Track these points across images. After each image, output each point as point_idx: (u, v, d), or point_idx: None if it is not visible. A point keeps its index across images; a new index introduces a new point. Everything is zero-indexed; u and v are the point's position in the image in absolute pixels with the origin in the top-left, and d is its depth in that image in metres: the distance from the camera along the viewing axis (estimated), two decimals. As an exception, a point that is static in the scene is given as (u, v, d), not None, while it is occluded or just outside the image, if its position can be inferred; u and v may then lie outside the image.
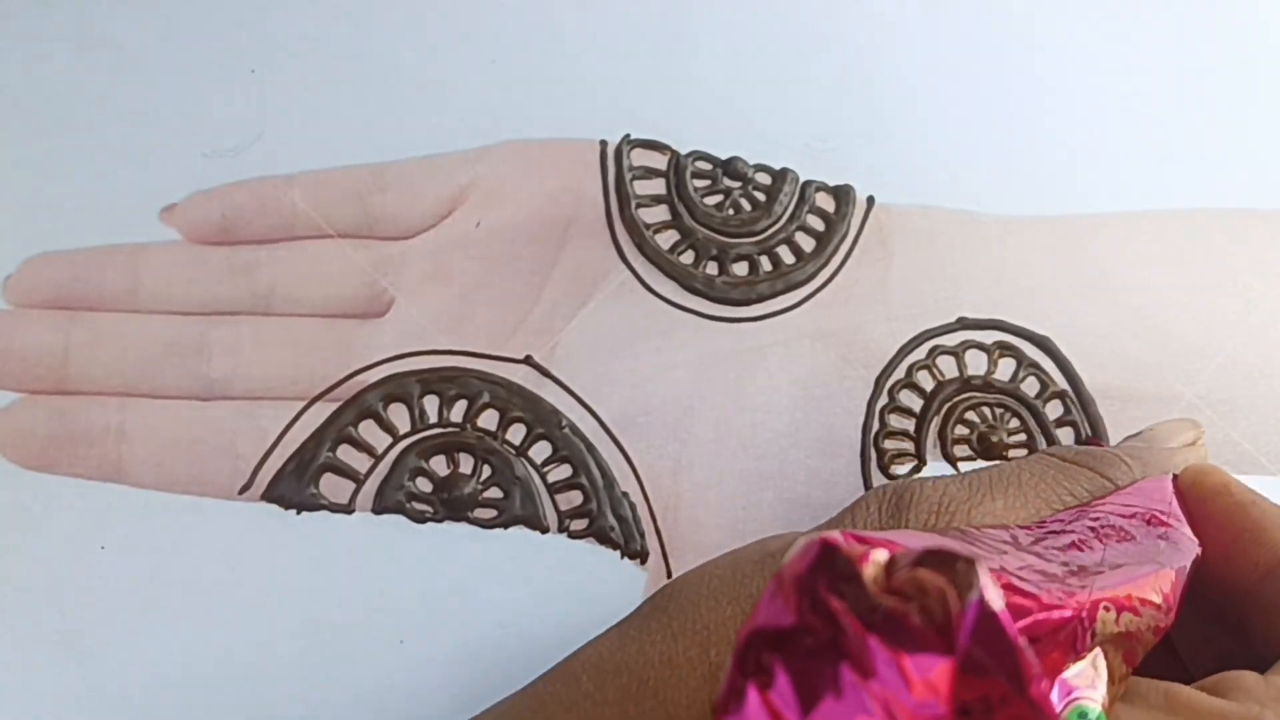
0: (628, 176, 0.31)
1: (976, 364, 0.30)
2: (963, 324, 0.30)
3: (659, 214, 0.31)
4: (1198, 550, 0.22)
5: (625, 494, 0.29)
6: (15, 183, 0.31)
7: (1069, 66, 0.32)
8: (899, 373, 0.30)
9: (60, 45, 0.32)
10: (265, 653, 0.27)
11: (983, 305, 0.30)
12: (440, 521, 0.28)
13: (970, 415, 0.29)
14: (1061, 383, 0.30)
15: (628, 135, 0.31)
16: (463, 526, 0.28)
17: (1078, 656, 0.17)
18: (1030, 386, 0.30)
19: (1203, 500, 0.23)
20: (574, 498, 0.29)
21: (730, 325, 0.30)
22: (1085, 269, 0.31)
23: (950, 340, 0.30)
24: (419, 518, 0.28)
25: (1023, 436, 0.29)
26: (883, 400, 0.29)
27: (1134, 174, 0.31)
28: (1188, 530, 0.22)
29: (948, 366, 0.30)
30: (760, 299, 0.30)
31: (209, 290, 0.30)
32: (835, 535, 0.15)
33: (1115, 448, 0.25)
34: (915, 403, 0.30)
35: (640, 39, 0.32)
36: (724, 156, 0.31)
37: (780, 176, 0.31)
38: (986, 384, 0.30)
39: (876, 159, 0.31)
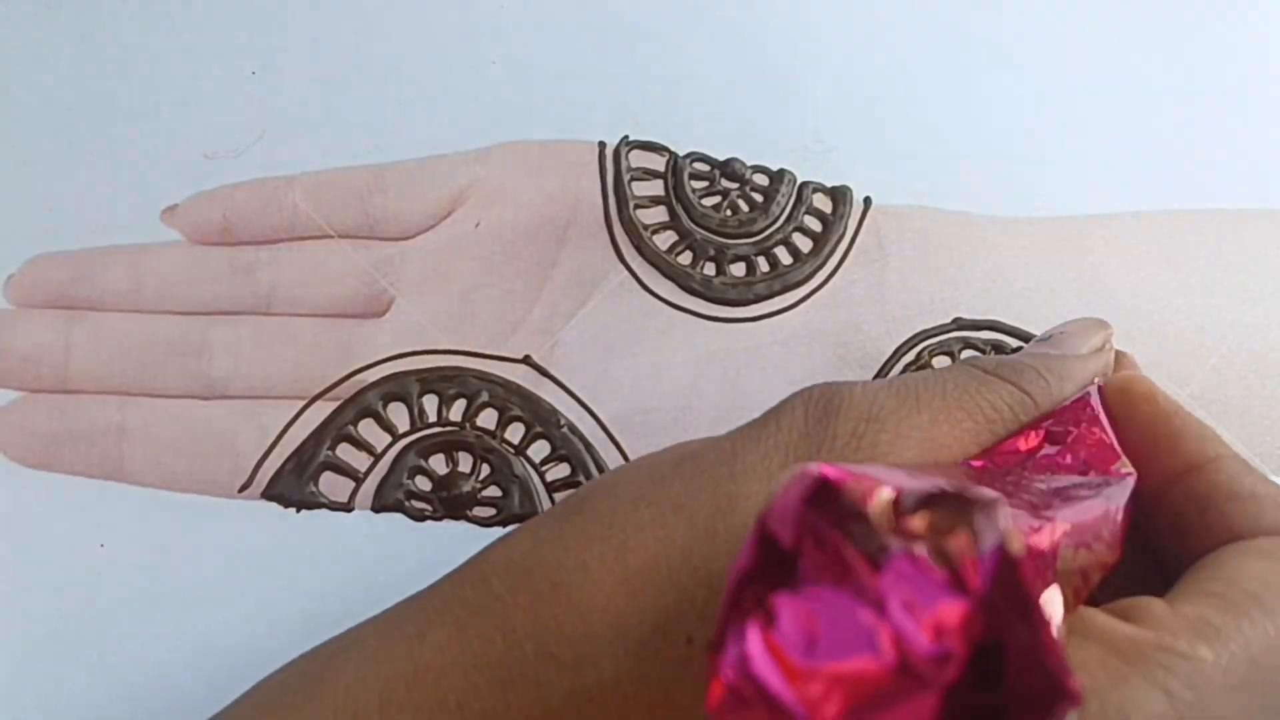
0: (626, 178, 0.31)
1: (972, 364, 0.30)
2: (958, 324, 0.30)
3: (657, 215, 0.31)
4: (1135, 479, 0.21)
5: (623, 493, 0.29)
6: (17, 183, 0.31)
7: (1065, 68, 0.32)
8: (895, 372, 0.30)
9: (62, 46, 0.32)
10: (265, 651, 0.27)
11: (978, 306, 0.30)
12: (439, 520, 0.28)
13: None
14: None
15: (626, 137, 0.31)
16: (461, 525, 0.28)
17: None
18: (1026, 387, 0.30)
19: (1129, 407, 0.23)
20: (572, 496, 0.29)
21: (727, 325, 0.30)
22: (1080, 270, 0.31)
23: (946, 341, 0.30)
24: (418, 516, 0.28)
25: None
26: (879, 400, 0.29)
27: (1129, 175, 0.32)
28: (1127, 464, 0.22)
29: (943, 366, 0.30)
30: (757, 299, 0.30)
31: (210, 290, 0.30)
32: (824, 470, 0.14)
33: (1029, 357, 0.24)
34: (911, 402, 0.30)
35: (639, 41, 0.32)
36: (722, 158, 0.31)
37: (778, 177, 0.31)
38: (982, 384, 0.30)
39: (874, 160, 0.31)
